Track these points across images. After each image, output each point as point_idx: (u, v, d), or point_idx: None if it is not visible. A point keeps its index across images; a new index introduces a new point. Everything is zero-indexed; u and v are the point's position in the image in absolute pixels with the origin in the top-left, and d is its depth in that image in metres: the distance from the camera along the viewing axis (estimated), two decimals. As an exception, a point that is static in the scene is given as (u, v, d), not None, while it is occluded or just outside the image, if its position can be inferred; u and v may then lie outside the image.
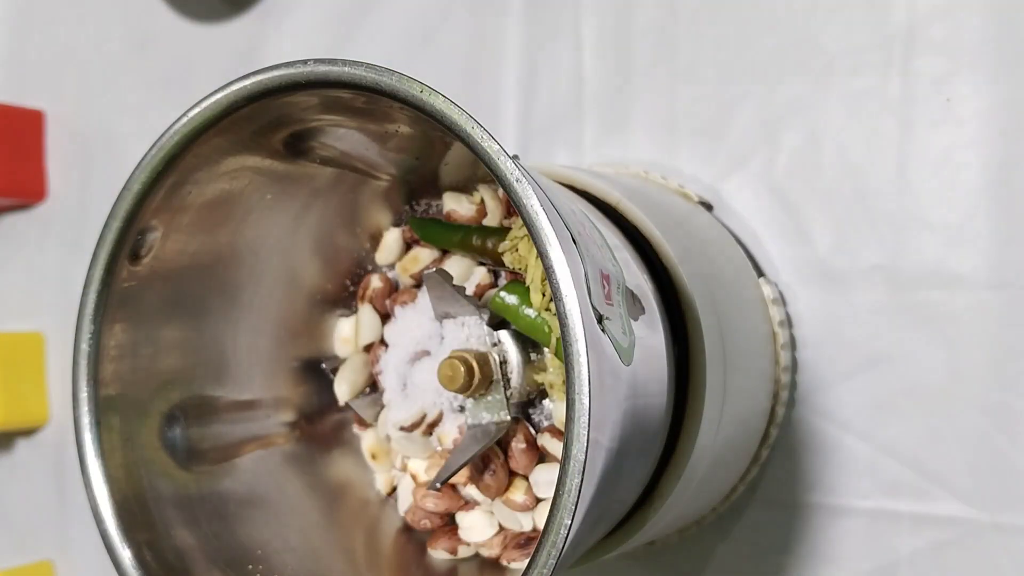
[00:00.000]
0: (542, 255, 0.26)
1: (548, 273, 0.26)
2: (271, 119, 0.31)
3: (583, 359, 0.26)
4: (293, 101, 0.30)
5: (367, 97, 0.29)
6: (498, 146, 0.27)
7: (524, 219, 0.26)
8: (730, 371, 0.36)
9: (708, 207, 0.43)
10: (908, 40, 0.40)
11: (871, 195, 0.41)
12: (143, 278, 0.33)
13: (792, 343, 0.41)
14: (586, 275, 0.27)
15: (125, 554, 0.32)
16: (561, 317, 0.26)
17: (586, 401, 0.26)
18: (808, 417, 0.42)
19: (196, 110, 0.30)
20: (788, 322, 0.41)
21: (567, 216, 0.28)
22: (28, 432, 0.60)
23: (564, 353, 0.26)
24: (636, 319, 0.30)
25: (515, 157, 0.29)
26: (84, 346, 0.32)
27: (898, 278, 0.40)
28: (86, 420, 0.32)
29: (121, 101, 0.56)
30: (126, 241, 0.32)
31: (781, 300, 0.41)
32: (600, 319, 0.27)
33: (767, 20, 0.42)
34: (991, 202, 0.39)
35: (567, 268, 0.26)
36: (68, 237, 0.58)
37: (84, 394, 0.32)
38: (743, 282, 0.40)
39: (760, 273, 0.42)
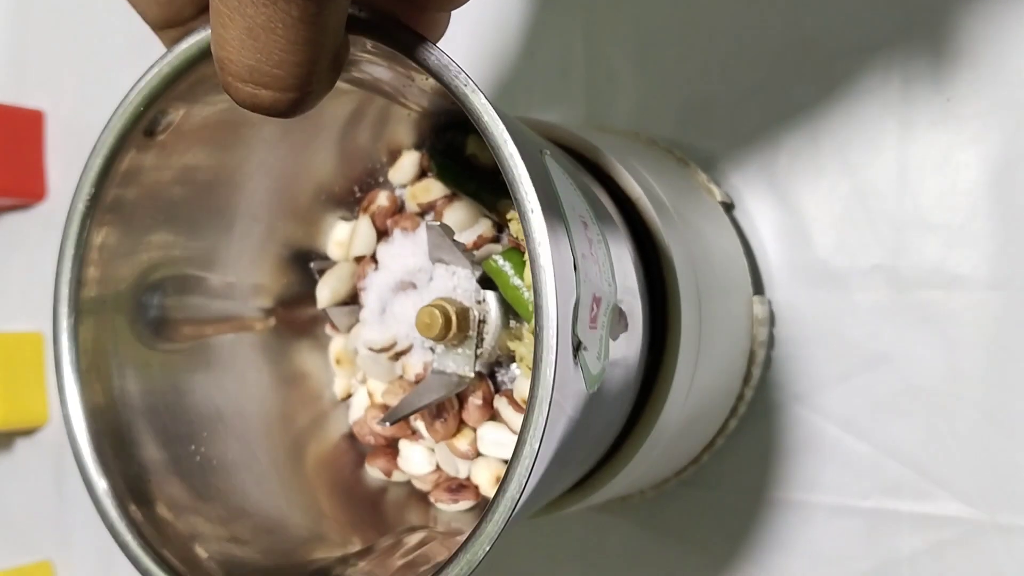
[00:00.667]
0: (536, 291, 0.26)
1: (536, 308, 0.26)
2: None
3: (545, 402, 0.26)
4: None
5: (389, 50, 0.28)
6: (524, 170, 0.26)
7: (528, 250, 0.26)
8: (697, 382, 0.36)
9: (729, 207, 0.43)
10: (908, 40, 0.40)
11: (871, 195, 0.41)
12: (147, 185, 0.34)
13: (767, 362, 0.42)
14: (577, 302, 0.27)
15: (100, 483, 0.32)
16: (537, 342, 0.26)
17: (536, 446, 0.26)
18: (808, 417, 0.42)
19: None
20: (769, 342, 0.42)
21: (575, 237, 0.27)
22: (28, 432, 0.60)
23: (531, 383, 0.26)
24: (616, 339, 0.30)
25: (543, 152, 0.28)
26: (80, 205, 0.33)
27: (898, 278, 0.40)
28: (67, 277, 0.33)
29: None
30: (144, 116, 0.33)
31: (770, 320, 0.42)
32: (577, 348, 0.27)
33: (766, 19, 0.42)
34: (991, 202, 0.39)
35: (555, 307, 0.26)
36: (68, 237, 0.58)
37: (69, 255, 0.33)
38: (736, 297, 0.40)
39: (758, 290, 0.42)
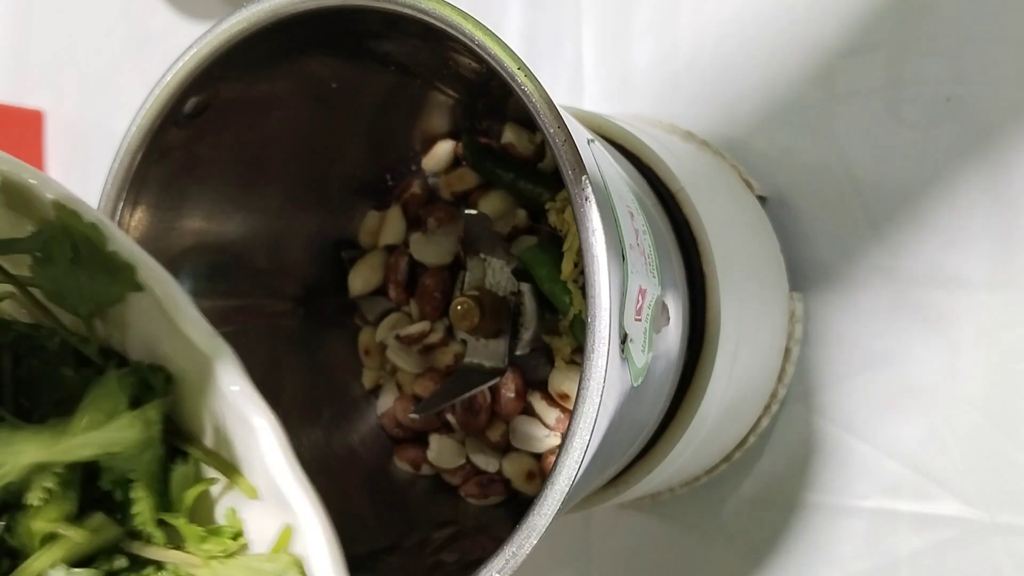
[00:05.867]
0: (588, 281, 0.26)
1: (588, 298, 0.26)
2: (345, 27, 0.31)
3: (596, 394, 0.26)
4: (357, 17, 0.30)
5: (427, 28, 0.28)
6: (577, 157, 0.26)
7: (580, 238, 0.26)
8: (734, 385, 0.36)
9: (764, 200, 0.42)
10: (908, 40, 0.40)
11: (871, 195, 0.41)
12: (183, 160, 0.33)
13: (799, 360, 0.41)
14: (624, 293, 0.27)
15: None
16: (588, 333, 0.26)
17: (587, 438, 0.26)
18: (808, 416, 0.42)
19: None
20: (804, 339, 0.41)
21: (623, 227, 0.27)
22: (28, 432, 0.60)
23: (581, 374, 0.26)
24: (658, 332, 0.30)
25: (591, 141, 0.28)
26: (113, 187, 0.33)
27: (898, 278, 0.40)
28: None
29: (121, 101, 0.56)
30: (182, 98, 0.32)
31: (804, 317, 0.41)
32: (624, 340, 0.27)
33: (767, 19, 0.42)
34: (991, 202, 0.39)
35: (607, 297, 0.26)
36: (68, 237, 0.58)
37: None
38: (773, 292, 0.40)
39: (794, 286, 0.42)
